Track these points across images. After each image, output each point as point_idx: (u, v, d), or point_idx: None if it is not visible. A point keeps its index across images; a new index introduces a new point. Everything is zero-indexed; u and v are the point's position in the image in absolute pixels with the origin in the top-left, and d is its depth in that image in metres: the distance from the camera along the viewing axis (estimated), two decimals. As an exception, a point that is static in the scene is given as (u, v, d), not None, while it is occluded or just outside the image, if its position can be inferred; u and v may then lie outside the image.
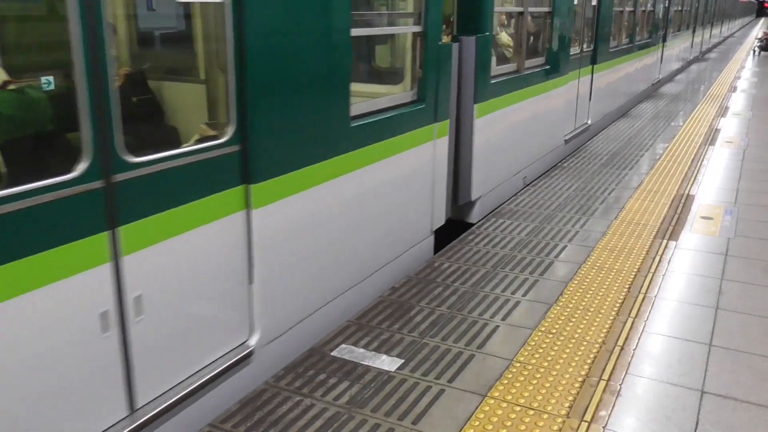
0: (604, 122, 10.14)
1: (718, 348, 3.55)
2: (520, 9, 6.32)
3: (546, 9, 7.01)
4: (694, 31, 20.84)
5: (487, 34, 5.40)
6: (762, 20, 60.52)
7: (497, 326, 3.78)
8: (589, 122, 9.14)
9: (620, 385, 3.18)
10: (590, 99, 9.00)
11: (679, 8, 17.22)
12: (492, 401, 3.05)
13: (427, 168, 4.68)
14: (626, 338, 3.63)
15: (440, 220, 5.02)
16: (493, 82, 5.66)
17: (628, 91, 11.68)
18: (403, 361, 3.43)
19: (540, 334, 3.68)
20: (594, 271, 4.56)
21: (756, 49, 27.45)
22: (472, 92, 5.31)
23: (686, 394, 3.13)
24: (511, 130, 6.30)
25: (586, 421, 2.89)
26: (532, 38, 7.11)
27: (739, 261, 4.77)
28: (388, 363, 3.41)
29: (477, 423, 2.89)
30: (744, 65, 21.72)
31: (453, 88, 5.10)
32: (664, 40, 14.85)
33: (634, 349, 3.51)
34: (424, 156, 4.61)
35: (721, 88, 15.25)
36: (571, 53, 7.88)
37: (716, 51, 28.31)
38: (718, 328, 3.77)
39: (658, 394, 3.13)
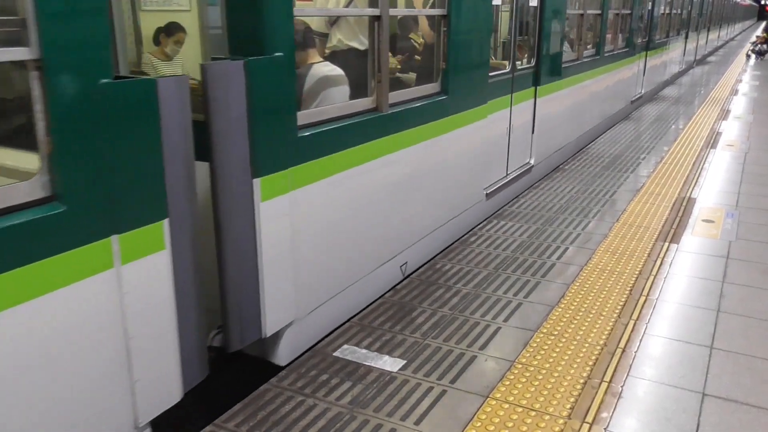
0: (560, 157, 8.05)
1: (719, 350, 3.56)
2: (374, 12, 3.90)
3: (439, 12, 4.72)
4: (686, 37, 18.62)
5: (278, 55, 3.08)
6: (763, 23, 60.45)
7: (499, 328, 3.80)
8: (532, 162, 7.00)
9: (622, 387, 3.20)
10: (533, 132, 6.87)
11: (667, 11, 14.94)
12: (494, 402, 3.06)
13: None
14: (628, 340, 3.64)
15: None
16: (309, 133, 3.39)
17: (596, 113, 9.52)
18: (405, 361, 3.44)
19: (542, 335, 3.69)
20: (596, 273, 4.58)
21: (749, 53, 26.83)
22: (243, 159, 2.99)
23: (687, 396, 3.14)
24: (354, 209, 3.90)
25: (587, 423, 2.90)
26: (414, 56, 5.42)
27: (740, 264, 4.78)
28: (390, 364, 3.42)
29: (479, 424, 2.90)
30: (746, 68, 21.73)
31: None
32: (648, 49, 12.81)
33: (635, 352, 3.53)
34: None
35: (723, 91, 15.26)
36: (494, 74, 5.73)
37: (716, 55, 28.30)
38: (720, 330, 3.78)
39: (659, 396, 3.14)
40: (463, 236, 5.36)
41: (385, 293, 4.31)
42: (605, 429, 2.87)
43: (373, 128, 3.92)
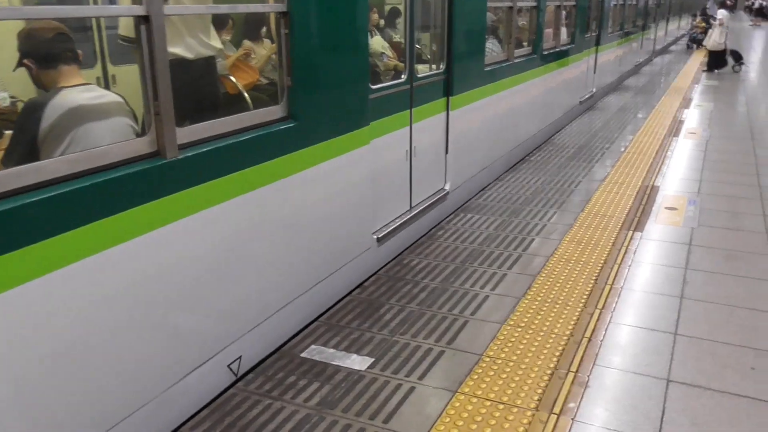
0: (488, 176, 6.85)
1: (683, 336, 3.61)
2: (139, 11, 2.61)
3: (276, 8, 3.46)
4: (644, 28, 17.88)
5: None
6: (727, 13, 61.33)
7: (467, 321, 3.79)
8: (447, 187, 5.76)
9: (588, 376, 3.22)
10: (447, 151, 5.72)
11: (621, 2, 13.94)
12: (462, 397, 3.05)
13: None
14: (594, 330, 3.67)
15: None
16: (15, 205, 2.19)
17: (534, 120, 8.39)
18: (373, 359, 3.42)
19: (509, 327, 3.70)
20: (562, 263, 4.60)
21: (689, 43, 24.99)
22: None
23: (653, 383, 3.17)
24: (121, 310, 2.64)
25: (555, 414, 2.91)
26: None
27: (702, 250, 4.86)
28: (358, 362, 3.39)
29: (448, 420, 2.89)
30: (706, 58, 22.12)
31: None
32: (599, 44, 11.85)
33: (601, 340, 3.55)
34: None
35: (684, 80, 15.51)
36: (382, 87, 4.66)
37: (679, 44, 28.73)
38: (683, 317, 3.83)
39: (625, 384, 3.16)
40: (362, 282, 4.43)
41: (352, 291, 4.28)
42: (573, 419, 2.89)
43: (145, 184, 2.63)
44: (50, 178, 2.31)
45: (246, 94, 4.26)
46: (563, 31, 9.65)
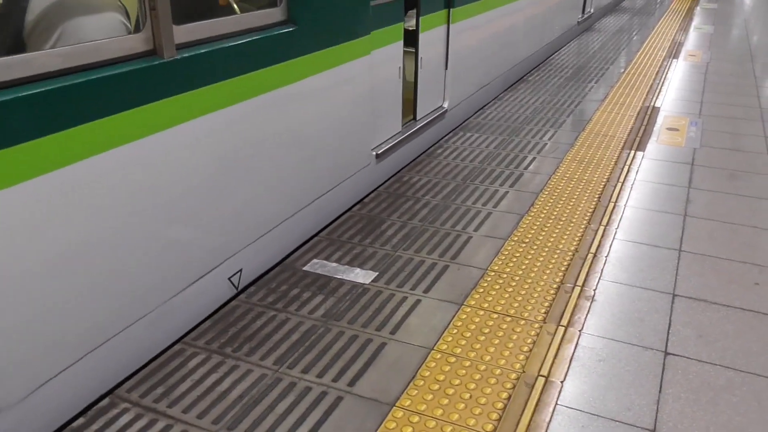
0: (485, 96, 6.57)
1: (687, 253, 3.59)
2: None
3: None
4: None
5: None
6: None
7: (470, 237, 3.75)
8: (446, 105, 5.58)
9: (594, 290, 3.21)
10: (447, 67, 5.45)
11: None
12: (469, 309, 3.03)
13: None
14: (599, 246, 3.64)
15: None
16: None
17: (533, 39, 7.98)
18: (377, 273, 3.38)
19: (513, 243, 3.67)
20: (564, 181, 4.54)
21: None
22: None
23: (658, 297, 3.17)
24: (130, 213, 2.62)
25: (563, 326, 2.91)
26: None
27: (705, 170, 4.81)
28: (362, 276, 3.35)
29: (455, 331, 2.88)
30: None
31: None
32: None
33: (606, 256, 3.53)
34: None
35: (683, 2, 15.13)
36: None
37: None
38: (687, 234, 3.81)
39: (631, 298, 3.16)
40: (351, 207, 4.29)
41: (352, 207, 4.20)
42: (580, 331, 2.88)
43: (141, 84, 2.47)
44: (40, 73, 2.15)
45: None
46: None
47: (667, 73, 7.85)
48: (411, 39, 5.89)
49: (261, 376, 2.61)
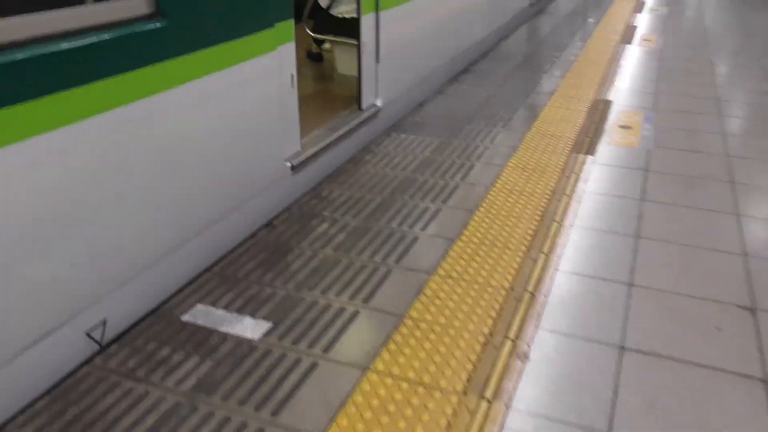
0: (427, 88, 6.02)
1: (639, 288, 3.09)
2: None
3: None
4: None
5: None
6: None
7: (389, 271, 3.18)
8: (379, 103, 5.00)
9: (529, 345, 2.67)
10: (378, 60, 4.87)
11: None
12: (375, 377, 2.47)
13: None
14: (537, 280, 3.11)
15: None
16: None
17: (481, 24, 7.40)
18: (270, 324, 2.79)
19: (438, 279, 3.11)
20: (503, 194, 4.00)
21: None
22: None
23: (603, 351, 2.65)
24: None
25: (486, 400, 2.37)
26: None
27: (659, 177, 4.32)
28: (251, 328, 2.76)
29: (353, 409, 2.32)
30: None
31: None
32: None
33: (545, 296, 3.00)
34: None
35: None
36: None
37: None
38: (639, 262, 3.31)
39: (572, 353, 2.63)
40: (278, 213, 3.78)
41: (258, 231, 3.60)
42: (507, 406, 2.35)
43: None
44: None
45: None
46: None
47: (620, 60, 7.36)
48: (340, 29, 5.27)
49: (94, 487, 2.02)
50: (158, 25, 2.69)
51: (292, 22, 3.63)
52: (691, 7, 11.64)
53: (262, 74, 3.48)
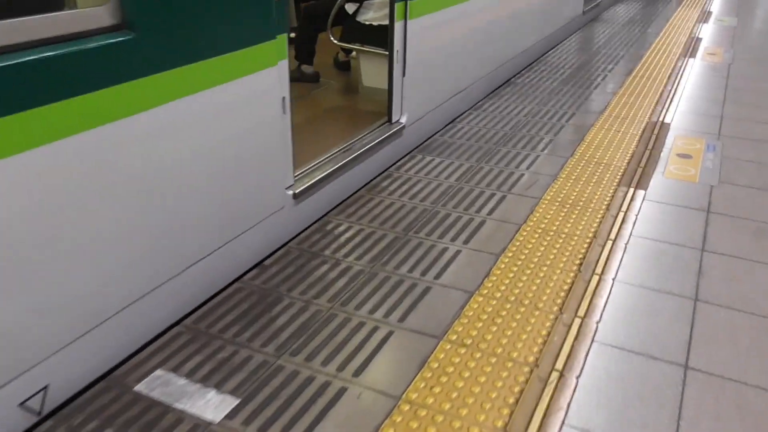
0: (462, 103, 5.46)
1: (697, 372, 2.48)
2: None
3: None
4: None
5: None
6: None
7: (391, 333, 2.67)
8: (404, 120, 4.50)
9: (551, 449, 2.12)
10: (404, 74, 4.38)
11: None
12: (350, 490, 1.96)
13: None
14: (567, 357, 2.54)
15: None
16: None
17: (524, 33, 6.81)
18: (237, 401, 2.30)
19: (448, 346, 2.58)
20: (537, 236, 3.44)
21: None
22: None
23: (648, 465, 2.08)
24: None
25: None
26: None
27: (723, 221, 3.68)
28: (214, 406, 2.28)
29: None
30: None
31: None
32: None
33: (577, 377, 2.44)
34: None
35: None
36: None
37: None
38: (697, 334, 2.71)
39: (606, 465, 2.07)
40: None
41: (247, 272, 3.14)
42: None
43: None
44: None
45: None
46: None
47: (681, 77, 6.65)
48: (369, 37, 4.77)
49: None
50: (125, 37, 2.25)
51: (286, 35, 3.15)
52: (762, 19, 10.74)
53: (259, 92, 3.01)
